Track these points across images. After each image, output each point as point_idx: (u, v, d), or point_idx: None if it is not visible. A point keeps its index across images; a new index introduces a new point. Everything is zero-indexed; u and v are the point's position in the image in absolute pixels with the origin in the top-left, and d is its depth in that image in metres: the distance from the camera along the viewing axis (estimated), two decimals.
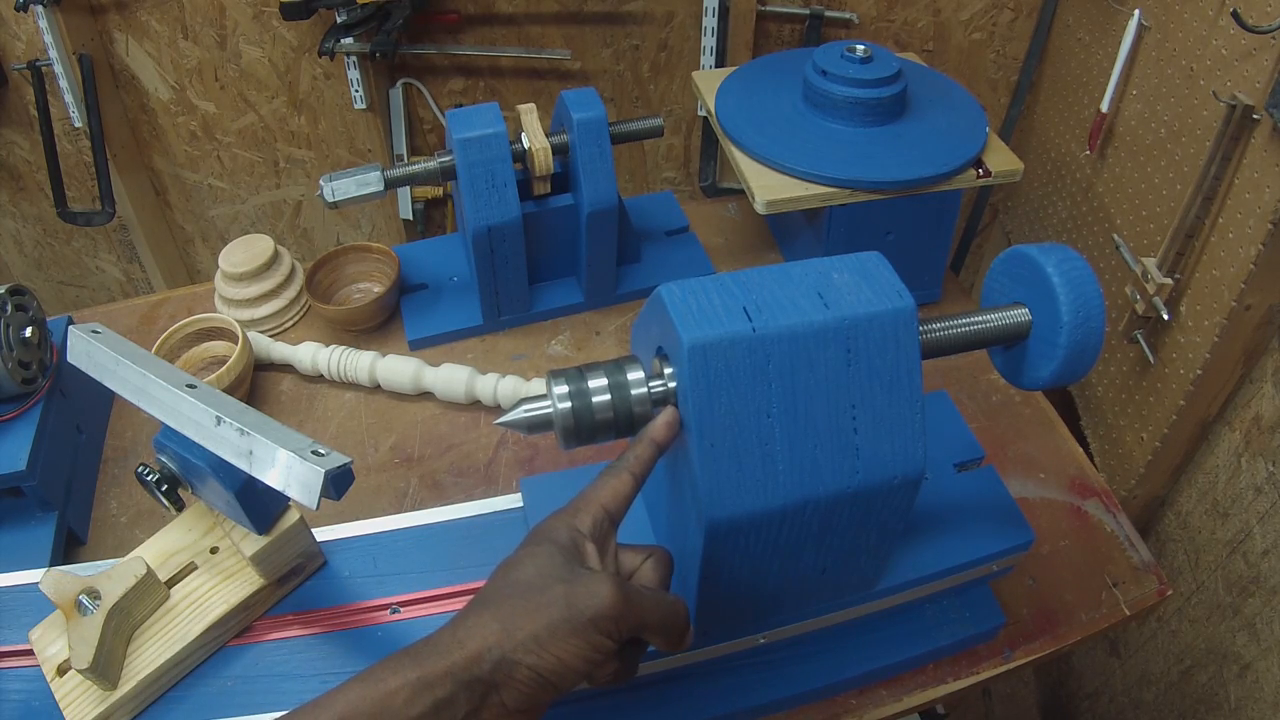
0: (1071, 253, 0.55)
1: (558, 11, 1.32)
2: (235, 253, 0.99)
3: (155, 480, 0.65)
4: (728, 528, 0.50)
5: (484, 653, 0.42)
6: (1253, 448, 0.88)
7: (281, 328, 1.01)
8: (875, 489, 0.52)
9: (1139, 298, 0.96)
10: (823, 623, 0.66)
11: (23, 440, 0.77)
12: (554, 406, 0.50)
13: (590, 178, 0.90)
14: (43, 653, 0.63)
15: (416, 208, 1.49)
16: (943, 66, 1.35)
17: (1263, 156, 0.80)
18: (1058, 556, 0.81)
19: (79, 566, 0.69)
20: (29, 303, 0.81)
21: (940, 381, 0.96)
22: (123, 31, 1.35)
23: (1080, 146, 1.18)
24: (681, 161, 1.51)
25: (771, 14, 1.28)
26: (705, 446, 0.48)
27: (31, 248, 1.69)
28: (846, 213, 0.91)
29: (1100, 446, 1.13)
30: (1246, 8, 0.79)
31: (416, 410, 0.94)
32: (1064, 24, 1.23)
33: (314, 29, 1.31)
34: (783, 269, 0.52)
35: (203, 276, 1.71)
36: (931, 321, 0.56)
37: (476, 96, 1.42)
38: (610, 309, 1.04)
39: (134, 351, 0.65)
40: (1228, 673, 0.95)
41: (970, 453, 0.72)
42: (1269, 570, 0.87)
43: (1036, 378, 0.57)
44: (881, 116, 0.93)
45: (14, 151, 1.50)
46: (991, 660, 0.74)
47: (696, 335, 0.48)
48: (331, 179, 0.88)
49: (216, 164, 1.52)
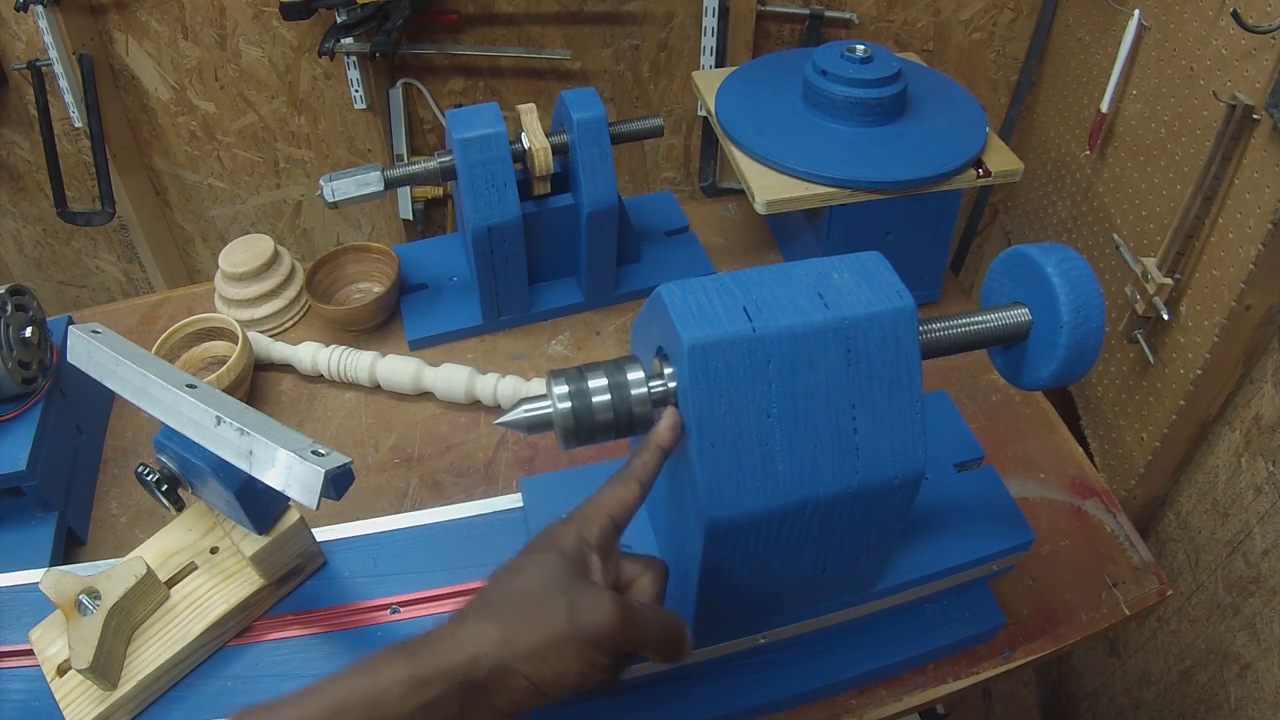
0: (1071, 253, 0.55)
1: (558, 11, 1.32)
2: (235, 253, 0.99)
3: (155, 480, 0.65)
4: (728, 528, 0.50)
5: (481, 658, 0.42)
6: (1253, 448, 0.88)
7: (281, 328, 1.01)
8: (875, 489, 0.52)
9: (1139, 298, 0.96)
10: (823, 623, 0.66)
11: (23, 440, 0.77)
12: (554, 406, 0.50)
13: (590, 178, 0.90)
14: (43, 653, 0.63)
15: (416, 208, 1.49)
16: (943, 66, 1.35)
17: (1263, 156, 0.80)
18: (1058, 556, 0.81)
19: (79, 566, 0.69)
20: (29, 303, 0.81)
21: (940, 381, 0.96)
22: (123, 31, 1.35)
23: (1080, 146, 1.18)
24: (681, 161, 1.51)
25: (771, 14, 1.28)
26: (705, 446, 0.48)
27: (31, 248, 1.69)
28: (846, 213, 0.91)
29: (1100, 446, 1.13)
30: (1246, 8, 0.79)
31: (416, 410, 0.94)
32: (1064, 24, 1.23)
33: (314, 29, 1.31)
34: (783, 269, 0.52)
35: (203, 276, 1.71)
36: (931, 321, 0.56)
37: (476, 96, 1.42)
38: (610, 309, 1.04)
39: (134, 351, 0.65)
40: (1228, 673, 0.95)
41: (970, 453, 0.72)
42: (1269, 570, 0.87)
43: (1036, 378, 0.57)
44: (881, 116, 0.93)
45: (14, 151, 1.50)
46: (991, 660, 0.74)
47: (696, 335, 0.48)
48: (331, 179, 0.88)
49: (216, 164, 1.52)
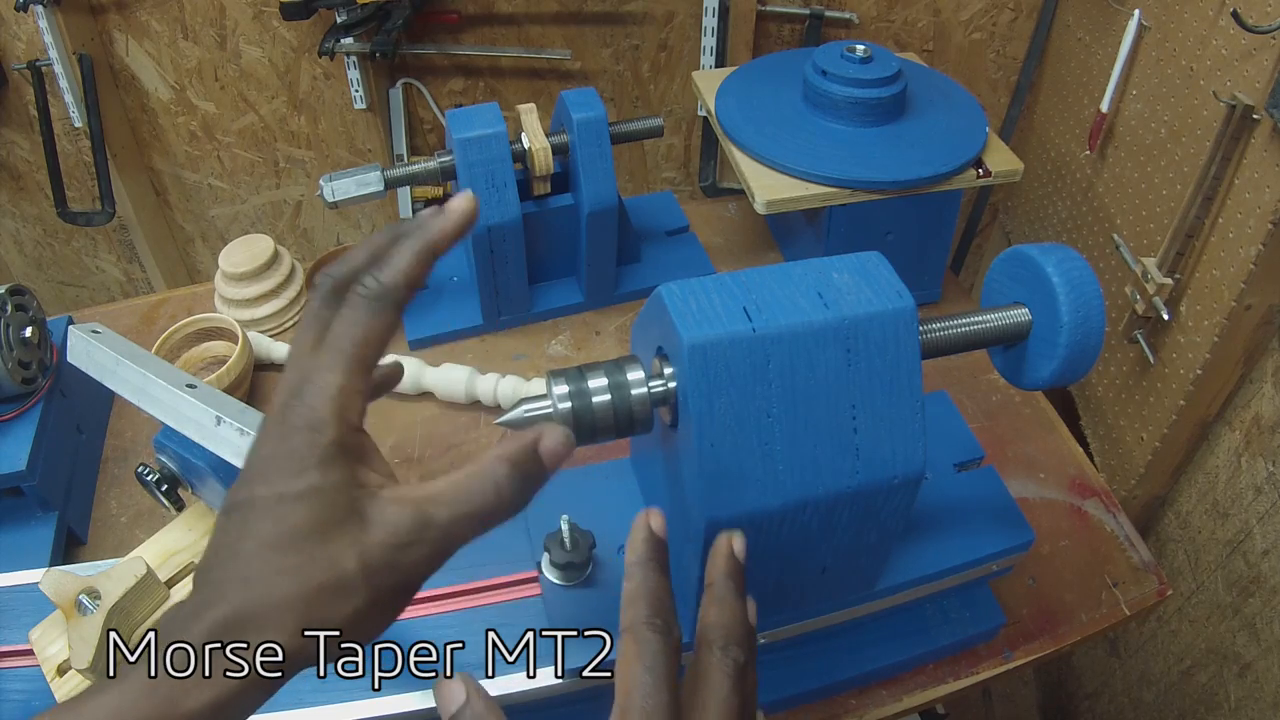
0: (1071, 253, 0.55)
1: (558, 11, 1.32)
2: (235, 253, 0.99)
3: (155, 480, 0.65)
4: (727, 528, 0.50)
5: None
6: (1253, 448, 0.88)
7: (281, 328, 1.01)
8: (875, 489, 0.52)
9: (1139, 298, 0.96)
10: (823, 623, 0.66)
11: (23, 440, 0.77)
12: (554, 406, 0.50)
13: (590, 178, 0.90)
14: (43, 653, 0.63)
15: (416, 208, 1.49)
16: (943, 66, 1.35)
17: (1263, 156, 0.80)
18: (1058, 556, 0.81)
19: (79, 566, 0.69)
20: (29, 303, 0.81)
21: (940, 381, 0.96)
22: (123, 31, 1.35)
23: (1080, 146, 1.18)
24: (681, 161, 1.51)
25: (771, 14, 1.28)
26: (705, 446, 0.48)
27: (31, 248, 1.69)
28: (846, 213, 0.91)
29: (1100, 446, 1.13)
30: (1246, 8, 0.79)
31: (416, 410, 0.94)
32: (1064, 24, 1.23)
33: (314, 29, 1.31)
34: (783, 269, 0.52)
35: (203, 276, 1.71)
36: (931, 321, 0.56)
37: (476, 96, 1.42)
38: (610, 309, 1.04)
39: (134, 351, 0.65)
40: (1228, 673, 0.95)
41: (970, 453, 0.72)
42: (1269, 570, 0.87)
43: (1036, 378, 0.57)
44: (881, 116, 0.93)
45: (14, 151, 1.50)
46: (991, 660, 0.74)
47: (696, 335, 0.48)
48: (331, 179, 0.88)
49: (216, 164, 1.52)
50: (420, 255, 0.40)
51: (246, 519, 0.35)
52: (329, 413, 0.37)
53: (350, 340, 0.38)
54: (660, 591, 0.38)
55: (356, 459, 0.38)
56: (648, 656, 0.36)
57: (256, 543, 0.35)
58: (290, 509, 0.35)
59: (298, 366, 0.38)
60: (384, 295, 0.38)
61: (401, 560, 0.36)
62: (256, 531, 0.35)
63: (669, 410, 0.52)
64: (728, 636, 0.37)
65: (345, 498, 0.36)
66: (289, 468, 0.36)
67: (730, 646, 0.37)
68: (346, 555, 0.35)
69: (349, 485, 0.36)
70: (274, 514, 0.35)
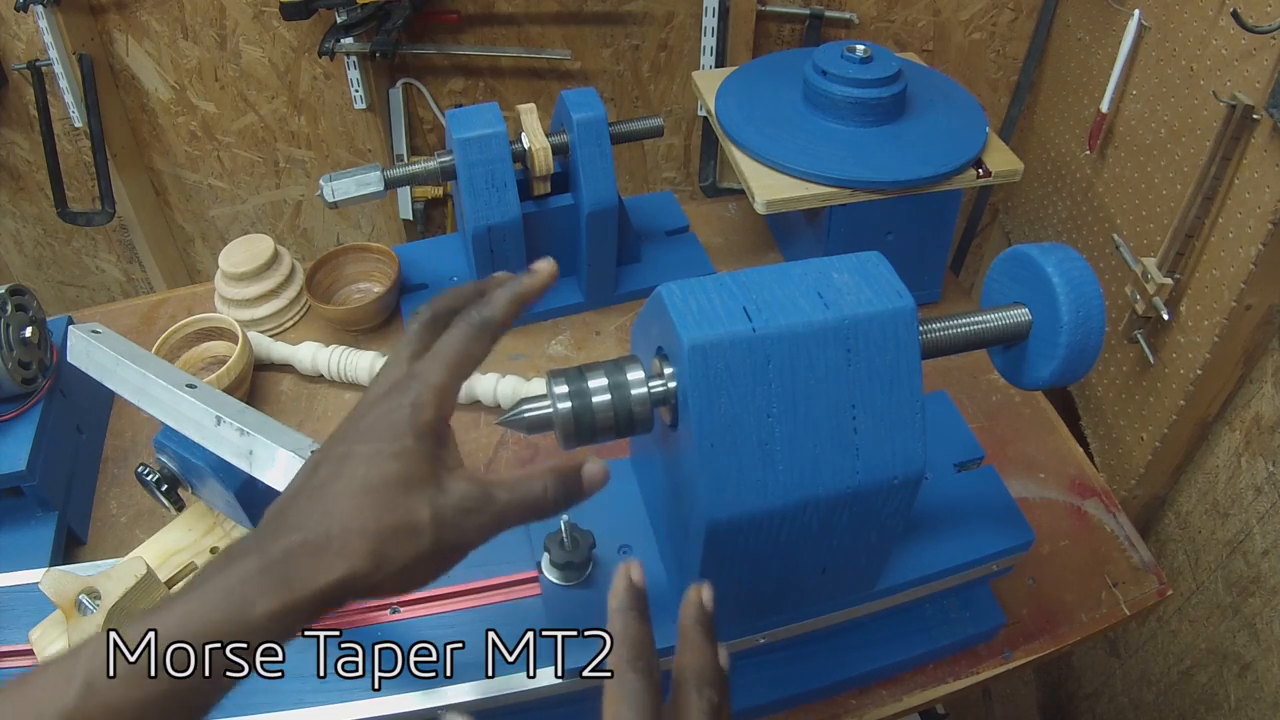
0: (1071, 253, 0.55)
1: (558, 11, 1.32)
2: (235, 253, 0.99)
3: (155, 480, 0.65)
4: (727, 528, 0.50)
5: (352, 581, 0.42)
6: (1253, 448, 0.88)
7: (281, 328, 1.01)
8: (875, 489, 0.52)
9: (1139, 298, 0.96)
10: (823, 623, 0.66)
11: (23, 440, 0.77)
12: (554, 406, 0.50)
13: (590, 178, 0.90)
14: (43, 653, 0.63)
15: (416, 208, 1.49)
16: (943, 66, 1.35)
17: (1263, 156, 0.80)
18: (1058, 556, 0.81)
19: (79, 566, 0.69)
20: (29, 303, 0.81)
21: (940, 381, 0.96)
22: (123, 31, 1.36)
23: (1080, 146, 1.18)
24: (681, 161, 1.51)
25: (771, 14, 1.28)
26: (705, 446, 0.48)
27: (31, 248, 1.69)
28: (846, 213, 0.91)
29: (1100, 446, 1.13)
30: (1246, 8, 0.79)
31: None
32: (1064, 24, 1.23)
33: (314, 29, 1.31)
34: (783, 269, 0.52)
35: (203, 276, 1.71)
36: (931, 321, 0.56)
37: (476, 96, 1.42)
38: (610, 309, 1.04)
39: (134, 351, 0.65)
40: (1228, 673, 0.95)
41: (970, 453, 0.72)
42: (1269, 570, 0.87)
43: (1036, 378, 0.57)
44: (881, 116, 0.93)
45: (14, 151, 1.50)
46: (991, 660, 0.74)
47: (696, 335, 0.48)
48: (331, 179, 0.88)
49: (216, 164, 1.52)
50: (515, 300, 0.48)
51: (341, 466, 0.43)
52: (430, 399, 0.44)
53: (455, 352, 0.46)
54: (641, 636, 0.41)
55: (441, 442, 0.45)
56: (631, 697, 0.39)
57: (348, 484, 0.42)
58: (384, 462, 0.42)
59: (398, 367, 0.46)
60: (486, 324, 0.47)
61: (464, 524, 0.43)
62: (350, 474, 0.42)
63: (669, 410, 0.52)
64: (701, 678, 0.41)
65: (429, 465, 0.43)
66: (389, 433, 0.43)
67: (704, 688, 0.40)
68: (421, 508, 0.42)
69: (433, 457, 0.44)
70: (369, 463, 0.42)
